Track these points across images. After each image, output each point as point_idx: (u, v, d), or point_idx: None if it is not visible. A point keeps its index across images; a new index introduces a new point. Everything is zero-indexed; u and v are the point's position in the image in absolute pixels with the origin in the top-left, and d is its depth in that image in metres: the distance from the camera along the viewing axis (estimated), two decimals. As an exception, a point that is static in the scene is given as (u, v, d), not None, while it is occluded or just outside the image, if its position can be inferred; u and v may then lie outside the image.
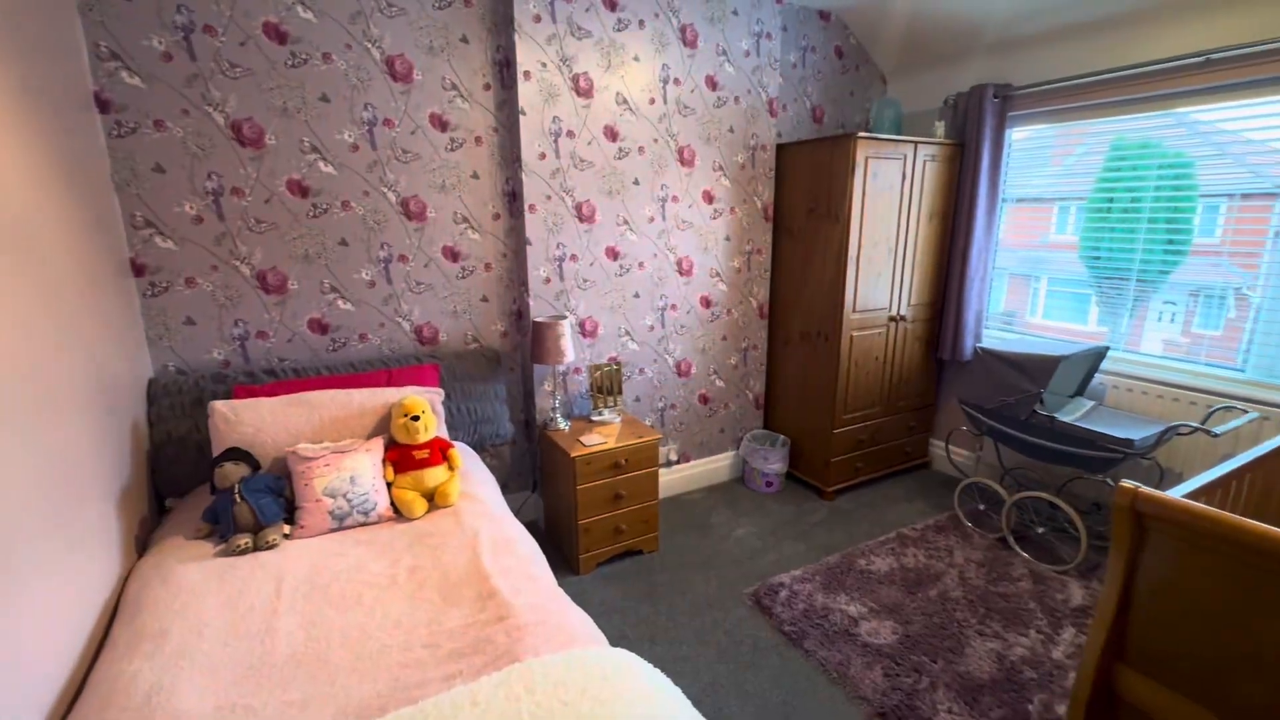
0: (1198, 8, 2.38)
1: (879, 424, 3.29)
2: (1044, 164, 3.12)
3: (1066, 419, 2.46)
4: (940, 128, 3.14)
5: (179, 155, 2.06)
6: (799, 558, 2.68)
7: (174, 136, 2.04)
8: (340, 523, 1.84)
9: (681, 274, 3.04)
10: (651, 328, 3.02)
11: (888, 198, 2.96)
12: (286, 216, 2.25)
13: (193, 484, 2.04)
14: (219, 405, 1.92)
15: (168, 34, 1.97)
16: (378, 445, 2.00)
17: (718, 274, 3.15)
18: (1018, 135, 3.15)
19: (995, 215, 3.15)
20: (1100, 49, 2.68)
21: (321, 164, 2.27)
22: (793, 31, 3.24)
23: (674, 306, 3.06)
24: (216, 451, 1.89)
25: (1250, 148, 2.47)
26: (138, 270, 2.08)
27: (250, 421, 1.93)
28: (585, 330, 2.84)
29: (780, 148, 3.18)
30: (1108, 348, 2.68)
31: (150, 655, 1.28)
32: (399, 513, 1.94)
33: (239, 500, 1.73)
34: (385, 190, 2.41)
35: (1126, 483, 1.20)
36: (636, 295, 2.94)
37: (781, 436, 3.36)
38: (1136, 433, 2.30)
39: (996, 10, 2.85)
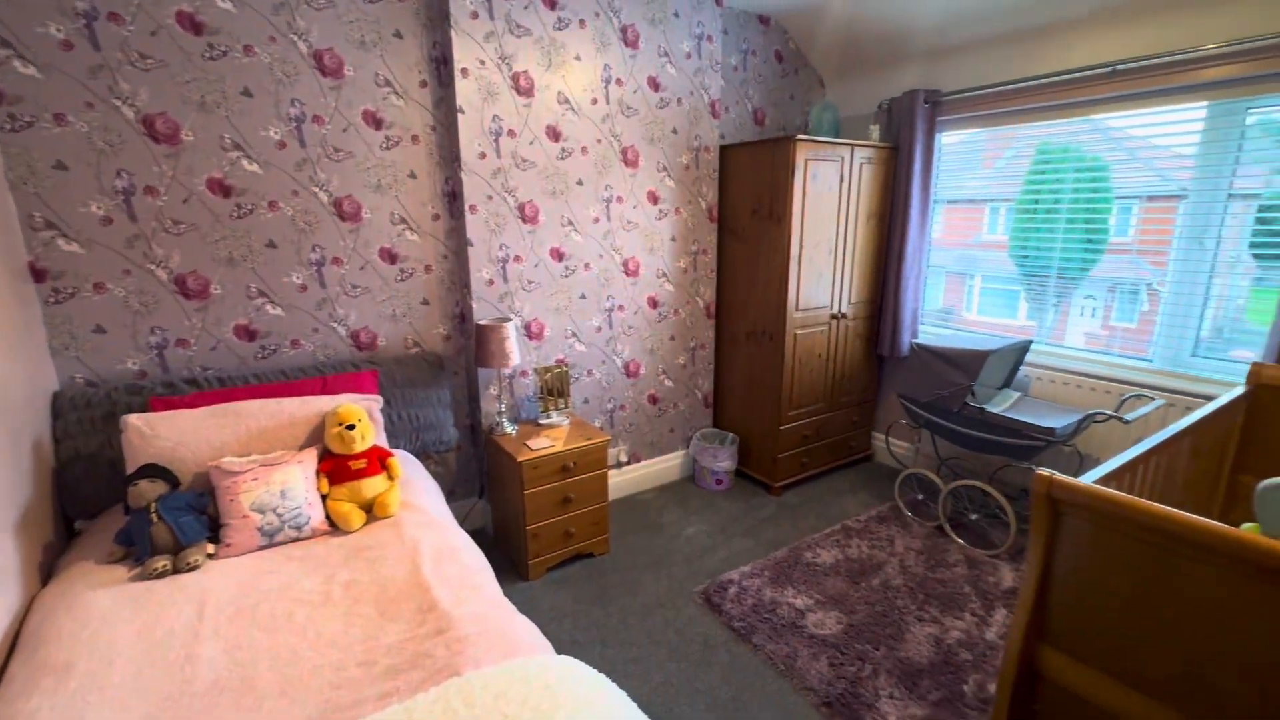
0: (1105, 22, 2.54)
1: (823, 419, 3.38)
2: (976, 166, 3.27)
3: (995, 410, 2.58)
4: (875, 131, 3.24)
5: (84, 151, 1.92)
6: (748, 553, 2.71)
7: (77, 131, 1.90)
8: (270, 539, 1.75)
9: (628, 275, 3.04)
10: (599, 329, 3.00)
11: (827, 199, 3.04)
12: (207, 217, 2.13)
13: (105, 504, 1.91)
14: (132, 419, 1.80)
15: (67, 21, 1.83)
16: (310, 456, 1.92)
17: (664, 274, 3.16)
18: (950, 139, 3.29)
19: (928, 216, 3.28)
20: (1020, 58, 2.83)
21: (245, 162, 2.16)
22: (733, 35, 3.28)
23: (621, 307, 3.05)
24: (131, 469, 1.77)
25: (1156, 152, 2.65)
26: (38, 275, 1.93)
27: (168, 435, 1.82)
28: (531, 332, 2.80)
29: (723, 149, 3.22)
30: (1031, 341, 2.83)
31: (51, 691, 1.18)
32: (335, 526, 1.86)
33: (156, 519, 1.62)
34: (316, 190, 2.31)
35: (1043, 471, 1.27)
36: (583, 296, 2.92)
37: (730, 434, 3.40)
38: (1058, 421, 2.44)
39: (925, 19, 2.97)
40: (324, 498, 1.89)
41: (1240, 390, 2.10)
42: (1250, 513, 1.43)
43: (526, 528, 2.46)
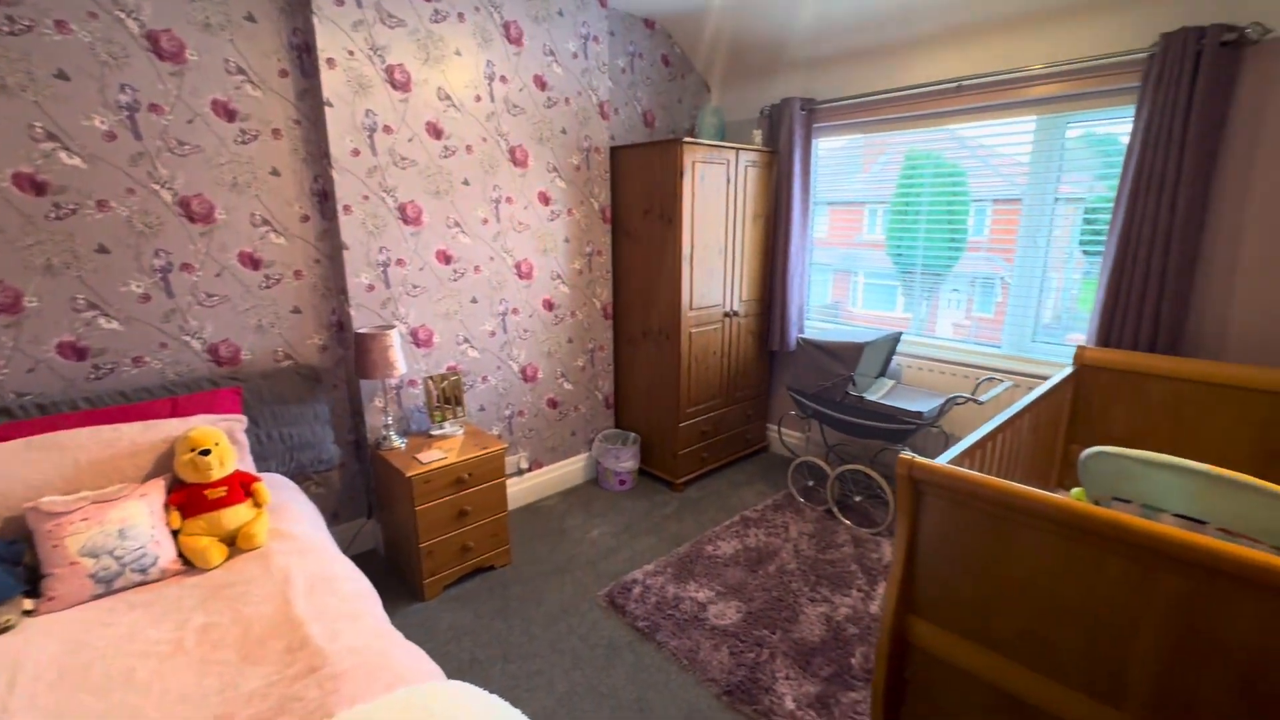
0: (953, 41, 2.80)
1: (721, 414, 3.48)
2: (855, 170, 3.49)
3: (872, 398, 2.77)
4: (758, 136, 3.38)
5: None
6: (651, 552, 2.74)
7: None
8: (108, 586, 1.54)
9: (521, 277, 2.97)
10: (492, 333, 2.91)
11: (716, 200, 3.12)
12: (15, 219, 1.83)
13: (-116, 563, 1.59)
14: (-83, 459, 1.52)
15: None
16: (157, 488, 1.71)
17: (559, 276, 3.12)
18: (830, 144, 3.48)
19: (809, 217, 3.46)
20: (883, 71, 3.05)
21: (64, 155, 1.88)
22: (620, 37, 3.29)
23: (515, 310, 2.98)
24: (-84, 518, 1.49)
25: (1003, 160, 2.95)
26: None
27: (-32, 476, 1.54)
28: (418, 340, 2.66)
29: (614, 150, 3.23)
30: (901, 333, 3.07)
31: None
32: (190, 564, 1.67)
33: (-49, 577, 1.37)
34: (157, 188, 2.06)
35: (904, 454, 1.37)
36: (474, 300, 2.81)
37: (632, 434, 3.42)
38: (925, 405, 2.66)
39: (797, 32, 3.13)
40: (175, 534, 1.69)
41: (1069, 370, 2.38)
42: (1079, 479, 1.62)
43: (420, 545, 2.33)
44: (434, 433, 2.60)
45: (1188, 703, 1.08)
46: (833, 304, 3.75)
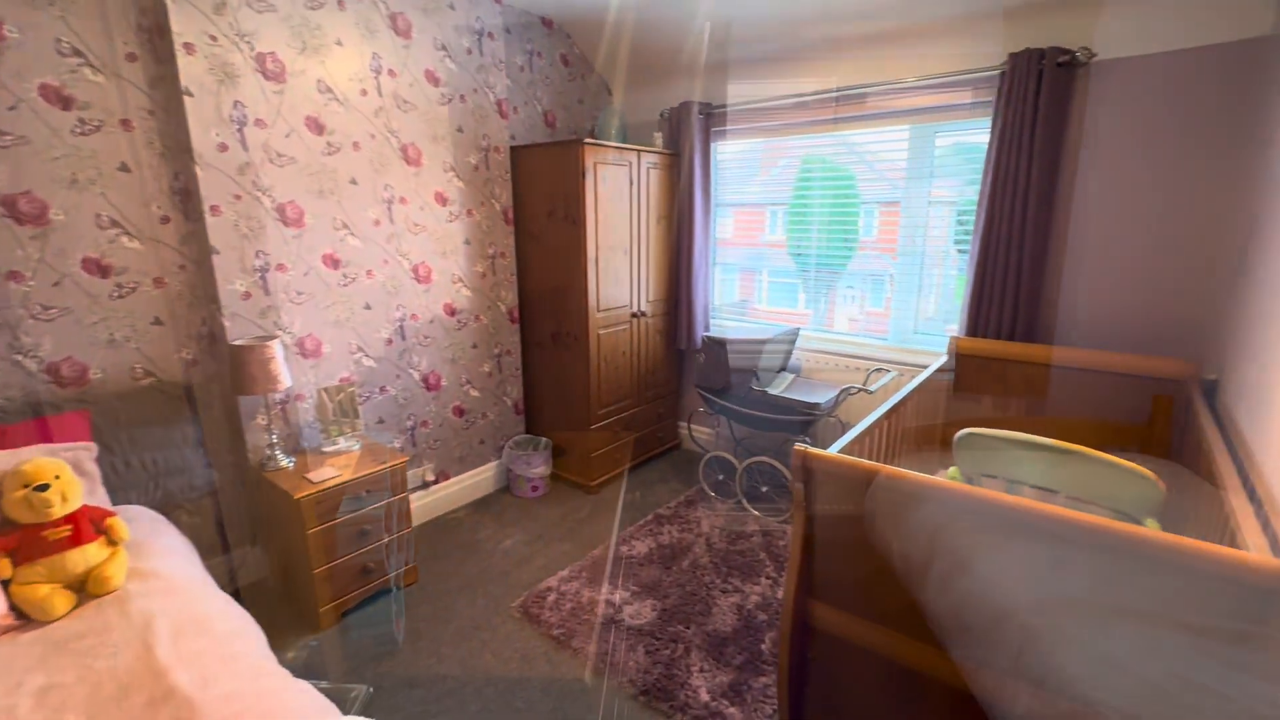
0: (835, 53, 2.96)
1: (632, 414, 3.50)
2: (756, 174, 3.62)
3: (774, 392, 2.88)
4: (659, 138, 3.42)
5: None
6: (566, 557, 2.70)
7: None
8: (-86, 653, 1.30)
9: (419, 281, 2.83)
10: (390, 341, 2.76)
11: (619, 202, 3.13)
12: None
13: None
14: None
15: None
16: (-20, 533, 1.47)
17: (460, 279, 3.01)
18: (731, 148, 3.58)
19: (710, 218, 3.55)
20: (775, 78, 3.18)
21: None
22: (516, 34, 3.22)
23: (414, 316, 2.84)
24: None
25: (885, 165, 3.15)
26: None
27: None
28: (305, 350, 2.47)
29: (514, 150, 3.16)
30: (799, 329, 3.22)
31: None
32: (27, 617, 1.45)
33: None
34: (-29, 185, 1.78)
35: (798, 445, 1.43)
36: (368, 307, 2.65)
37: (544, 439, 3.37)
38: (822, 397, 2.80)
39: (695, 38, 3.19)
40: (6, 584, 1.47)
41: (944, 359, 2.60)
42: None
43: (313, 571, 2.17)
44: (327, 449, 2.43)
45: (1045, 656, 1.20)
46: (740, 302, 3.88)
